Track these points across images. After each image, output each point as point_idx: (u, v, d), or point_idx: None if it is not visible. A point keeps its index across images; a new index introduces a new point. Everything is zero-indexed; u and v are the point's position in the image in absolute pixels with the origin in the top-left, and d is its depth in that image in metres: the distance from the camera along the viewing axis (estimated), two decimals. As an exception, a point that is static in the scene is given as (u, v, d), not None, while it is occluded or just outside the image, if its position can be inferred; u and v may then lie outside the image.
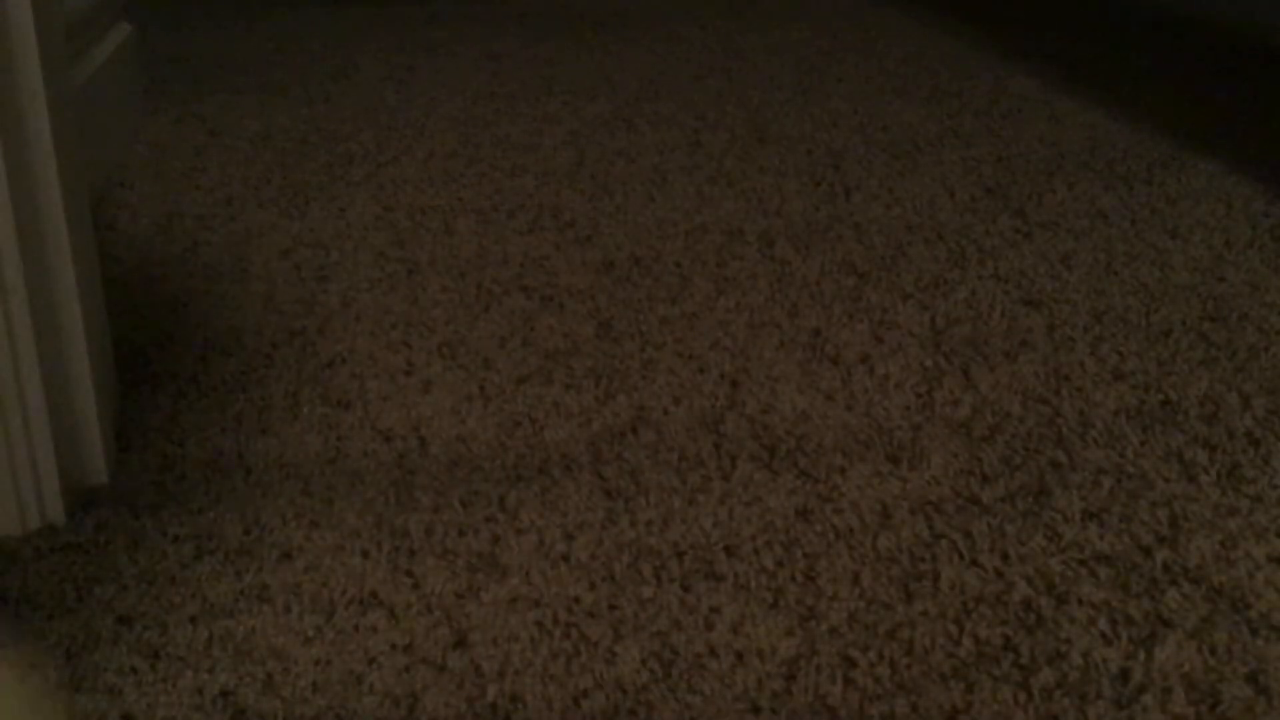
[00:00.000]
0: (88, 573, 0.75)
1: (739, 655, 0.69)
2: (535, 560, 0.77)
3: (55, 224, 0.78)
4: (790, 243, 1.25)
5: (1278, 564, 0.76)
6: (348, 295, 1.13)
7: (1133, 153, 1.53)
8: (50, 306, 0.79)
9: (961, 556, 0.77)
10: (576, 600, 0.73)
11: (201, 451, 0.88)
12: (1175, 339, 1.05)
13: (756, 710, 0.65)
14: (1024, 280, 1.16)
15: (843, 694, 0.66)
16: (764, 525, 0.80)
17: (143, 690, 0.66)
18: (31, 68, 0.74)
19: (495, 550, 0.77)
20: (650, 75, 1.89)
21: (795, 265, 1.20)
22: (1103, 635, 0.71)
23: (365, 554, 0.77)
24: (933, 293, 1.14)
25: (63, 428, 0.80)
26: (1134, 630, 0.71)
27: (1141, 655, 0.69)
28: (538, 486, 0.84)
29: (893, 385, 0.97)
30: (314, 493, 0.84)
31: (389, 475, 0.86)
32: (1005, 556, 0.77)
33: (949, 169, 1.46)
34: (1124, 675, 0.67)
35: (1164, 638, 0.70)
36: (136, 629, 0.71)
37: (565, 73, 1.91)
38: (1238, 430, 0.91)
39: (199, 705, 0.65)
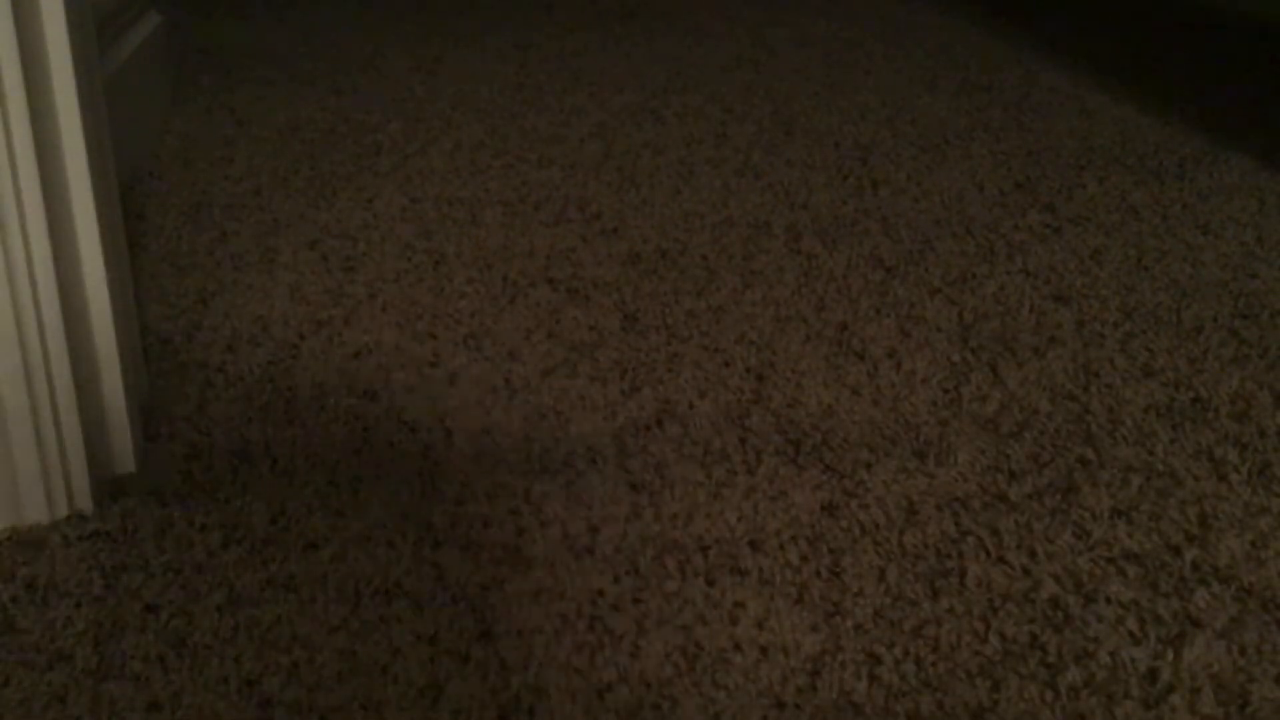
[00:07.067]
0: (115, 561, 0.76)
1: (763, 650, 0.68)
2: (559, 553, 0.76)
3: (85, 214, 0.79)
4: (817, 236, 1.24)
5: (1309, 564, 0.75)
6: (374, 286, 1.14)
7: (1164, 147, 1.51)
8: (79, 296, 0.80)
9: (988, 553, 0.77)
10: (600, 593, 0.73)
11: (229, 441, 0.89)
12: (1206, 336, 1.04)
13: (780, 706, 0.65)
14: (1053, 276, 1.15)
15: (868, 691, 0.66)
16: (789, 520, 0.80)
17: (169, 678, 0.66)
18: (62, 58, 0.75)
19: (520, 542, 0.78)
20: (677, 67, 1.89)
21: (822, 259, 1.19)
22: (1131, 634, 0.70)
23: (391, 544, 0.77)
24: (961, 288, 1.13)
25: (91, 417, 0.81)
26: (1163, 629, 0.70)
27: (1170, 655, 0.68)
28: (562, 479, 0.84)
29: (919, 381, 0.97)
30: (340, 483, 0.84)
31: (414, 466, 0.86)
32: (1033, 554, 0.77)
33: (978, 163, 1.45)
34: (1152, 675, 0.67)
35: (1193, 637, 0.69)
36: (163, 617, 0.71)
37: (592, 64, 1.91)
38: (1269, 429, 0.90)
39: (225, 694, 0.65)
